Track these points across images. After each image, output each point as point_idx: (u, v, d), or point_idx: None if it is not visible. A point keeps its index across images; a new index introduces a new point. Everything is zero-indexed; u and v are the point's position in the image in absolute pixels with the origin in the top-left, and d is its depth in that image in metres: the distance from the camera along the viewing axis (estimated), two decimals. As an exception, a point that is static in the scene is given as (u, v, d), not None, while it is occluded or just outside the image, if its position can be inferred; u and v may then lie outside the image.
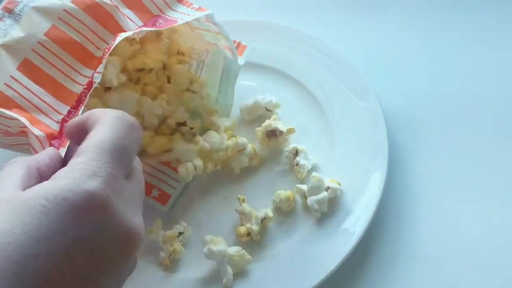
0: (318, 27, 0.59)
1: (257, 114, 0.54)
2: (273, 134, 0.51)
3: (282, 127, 0.51)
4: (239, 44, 0.53)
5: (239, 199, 0.49)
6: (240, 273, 0.46)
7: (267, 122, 0.51)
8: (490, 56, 0.56)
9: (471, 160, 0.49)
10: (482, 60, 0.55)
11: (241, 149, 0.50)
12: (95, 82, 0.39)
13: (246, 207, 0.48)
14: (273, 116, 0.52)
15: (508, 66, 0.54)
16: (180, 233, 0.48)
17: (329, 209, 0.47)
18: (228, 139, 0.51)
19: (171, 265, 0.47)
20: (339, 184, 0.47)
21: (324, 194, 0.46)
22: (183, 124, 0.51)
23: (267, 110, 0.53)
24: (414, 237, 0.46)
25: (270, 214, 0.47)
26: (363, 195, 0.47)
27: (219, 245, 0.45)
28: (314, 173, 0.48)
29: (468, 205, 0.47)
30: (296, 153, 0.50)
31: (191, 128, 0.51)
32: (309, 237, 0.46)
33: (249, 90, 0.55)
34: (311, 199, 0.47)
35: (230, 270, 0.45)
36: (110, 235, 0.27)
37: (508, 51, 0.55)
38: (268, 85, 0.56)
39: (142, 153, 0.51)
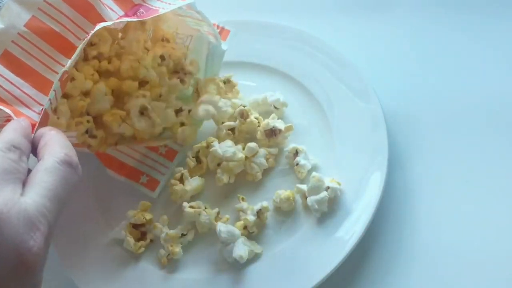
0: (318, 28, 0.59)
1: (264, 110, 0.54)
2: (272, 133, 0.51)
3: (280, 125, 0.51)
4: (222, 29, 0.53)
5: (239, 197, 0.49)
6: (240, 272, 0.46)
7: (265, 121, 0.51)
8: (491, 57, 0.55)
9: (471, 160, 0.49)
10: (482, 60, 0.55)
11: (254, 153, 0.50)
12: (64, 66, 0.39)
13: (244, 204, 0.48)
14: (272, 115, 0.52)
15: (509, 66, 0.54)
16: (183, 235, 0.48)
17: (329, 209, 0.47)
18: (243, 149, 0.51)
19: (168, 263, 0.47)
20: (339, 184, 0.47)
21: (324, 194, 0.46)
22: (180, 110, 0.52)
23: (275, 108, 0.53)
24: (414, 237, 0.46)
25: (265, 204, 0.48)
26: (363, 195, 0.47)
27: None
28: (314, 173, 0.48)
29: (468, 205, 0.47)
30: (296, 153, 0.50)
31: (189, 111, 0.51)
32: (309, 237, 0.46)
33: (249, 90, 0.55)
34: (311, 199, 0.47)
35: (245, 247, 0.45)
36: (1, 256, 0.26)
37: (510, 52, 0.55)
38: (268, 85, 0.55)
39: (130, 139, 0.51)
